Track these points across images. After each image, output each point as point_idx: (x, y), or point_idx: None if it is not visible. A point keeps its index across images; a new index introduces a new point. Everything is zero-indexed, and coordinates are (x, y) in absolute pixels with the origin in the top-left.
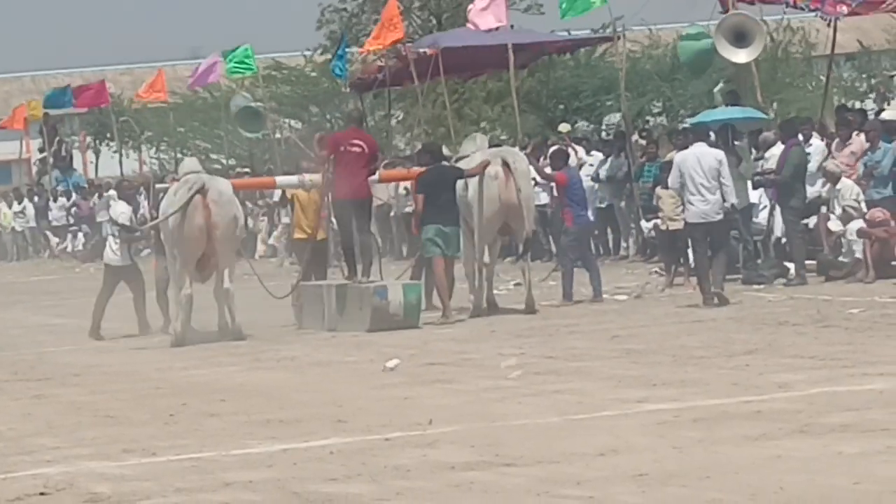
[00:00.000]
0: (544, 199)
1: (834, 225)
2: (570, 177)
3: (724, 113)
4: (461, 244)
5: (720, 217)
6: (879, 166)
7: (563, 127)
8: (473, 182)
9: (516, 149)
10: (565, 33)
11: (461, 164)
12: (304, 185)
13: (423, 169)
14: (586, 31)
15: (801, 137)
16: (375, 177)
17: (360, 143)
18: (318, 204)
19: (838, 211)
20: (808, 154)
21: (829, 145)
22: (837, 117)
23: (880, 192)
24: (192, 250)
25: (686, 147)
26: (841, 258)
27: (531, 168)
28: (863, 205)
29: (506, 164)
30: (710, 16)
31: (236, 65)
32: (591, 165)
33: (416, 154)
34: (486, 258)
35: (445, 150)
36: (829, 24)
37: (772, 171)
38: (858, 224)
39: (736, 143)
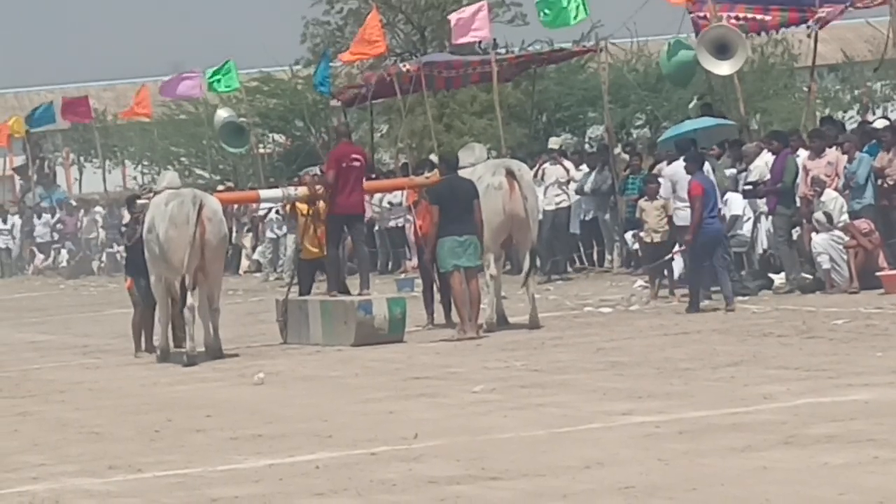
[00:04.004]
0: (564, 202)
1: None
2: (703, 183)
3: (691, 123)
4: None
5: None
6: (855, 176)
7: (554, 142)
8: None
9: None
10: (547, 44)
11: (463, 175)
12: (288, 199)
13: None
14: (569, 42)
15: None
16: None
17: (359, 157)
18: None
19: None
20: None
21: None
22: (816, 129)
23: (860, 202)
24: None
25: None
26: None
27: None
28: (846, 216)
29: (510, 175)
30: (678, 28)
31: (217, 82)
32: (576, 180)
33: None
34: (493, 270)
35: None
36: (809, 36)
37: (759, 182)
38: (824, 237)
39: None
